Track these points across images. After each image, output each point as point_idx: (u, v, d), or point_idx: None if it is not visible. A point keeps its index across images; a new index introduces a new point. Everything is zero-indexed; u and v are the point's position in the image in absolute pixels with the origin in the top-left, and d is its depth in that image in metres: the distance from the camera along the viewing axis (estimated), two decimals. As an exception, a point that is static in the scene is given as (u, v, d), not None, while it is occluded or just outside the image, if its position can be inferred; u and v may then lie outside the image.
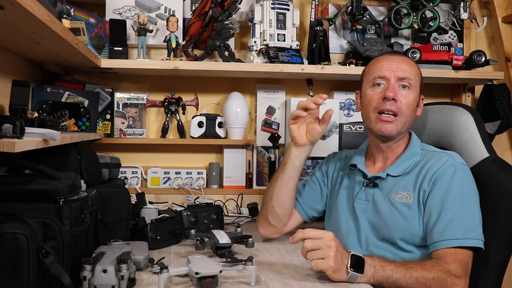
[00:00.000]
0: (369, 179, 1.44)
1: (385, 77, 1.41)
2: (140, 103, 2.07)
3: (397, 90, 1.39)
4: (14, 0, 0.90)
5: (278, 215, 1.53)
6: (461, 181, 1.33)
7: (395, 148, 1.45)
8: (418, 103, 1.45)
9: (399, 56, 1.47)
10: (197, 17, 1.99)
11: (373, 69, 1.45)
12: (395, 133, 1.40)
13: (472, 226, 1.27)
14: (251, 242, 1.48)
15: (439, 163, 1.35)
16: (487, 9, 2.28)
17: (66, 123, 1.44)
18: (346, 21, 2.17)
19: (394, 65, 1.41)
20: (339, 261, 1.17)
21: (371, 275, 1.19)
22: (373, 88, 1.43)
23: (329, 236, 1.19)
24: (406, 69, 1.41)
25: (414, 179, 1.37)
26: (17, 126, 1.00)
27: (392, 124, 1.39)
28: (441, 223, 1.28)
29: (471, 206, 1.31)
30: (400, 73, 1.40)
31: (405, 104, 1.39)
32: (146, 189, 2.05)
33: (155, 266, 1.22)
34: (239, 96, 2.11)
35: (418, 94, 1.44)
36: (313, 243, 1.18)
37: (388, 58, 1.45)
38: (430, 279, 1.19)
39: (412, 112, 1.41)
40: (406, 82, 1.40)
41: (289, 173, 1.49)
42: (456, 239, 1.25)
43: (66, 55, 1.58)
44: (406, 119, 1.40)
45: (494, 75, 2.09)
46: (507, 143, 2.32)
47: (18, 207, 1.01)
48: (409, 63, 1.44)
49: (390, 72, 1.41)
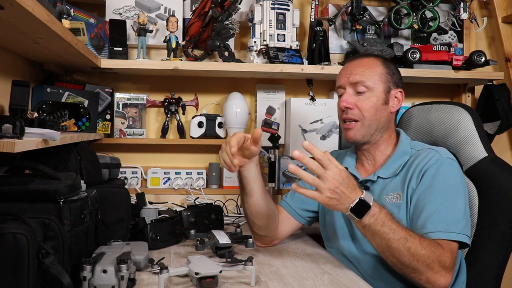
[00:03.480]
0: (360, 183, 1.43)
1: (341, 85, 1.43)
2: (140, 103, 2.07)
3: (351, 98, 1.40)
4: (14, 0, 0.90)
5: (263, 226, 1.50)
6: (446, 175, 1.31)
7: (376, 149, 1.44)
8: (385, 101, 1.41)
9: (357, 59, 1.45)
10: (197, 17, 1.99)
11: (337, 79, 1.47)
12: (360, 137, 1.40)
13: (454, 220, 1.25)
14: (251, 242, 1.49)
15: (426, 160, 1.35)
16: (487, 9, 2.29)
17: (66, 123, 1.44)
18: (346, 21, 2.18)
19: (348, 72, 1.42)
20: (337, 198, 1.16)
21: (369, 224, 1.19)
22: (339, 98, 1.45)
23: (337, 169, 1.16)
24: (358, 72, 1.40)
25: (403, 179, 1.37)
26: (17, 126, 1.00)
27: (353, 130, 1.40)
28: (424, 216, 1.27)
29: (455, 200, 1.29)
30: (352, 78, 1.40)
31: (363, 108, 1.39)
32: (146, 189, 2.05)
33: (155, 266, 1.22)
34: (239, 96, 2.11)
35: (382, 92, 1.41)
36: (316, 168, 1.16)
37: (346, 65, 1.46)
38: (421, 255, 1.18)
39: (376, 112, 1.39)
40: (360, 86, 1.39)
41: (248, 187, 1.44)
42: (438, 231, 1.24)
43: (66, 55, 1.58)
44: (369, 122, 1.39)
45: (494, 75, 2.09)
46: (507, 143, 2.32)
47: (18, 207, 1.01)
48: (365, 65, 1.42)
49: (345, 79, 1.42)
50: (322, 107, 2.09)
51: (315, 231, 1.73)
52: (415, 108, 1.65)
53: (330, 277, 1.26)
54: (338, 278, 1.25)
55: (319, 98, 2.12)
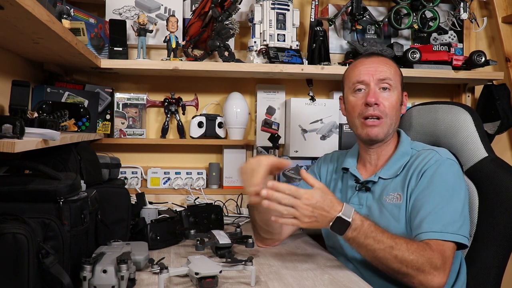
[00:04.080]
0: (361, 183, 1.44)
1: (364, 81, 1.40)
2: (140, 103, 2.07)
3: (378, 94, 1.38)
4: (14, 0, 0.90)
5: (270, 231, 1.51)
6: (444, 175, 1.32)
7: (384, 149, 1.45)
8: (401, 102, 1.44)
9: (376, 57, 1.45)
10: (197, 17, 1.99)
11: (352, 75, 1.44)
12: (382, 136, 1.40)
13: (450, 221, 1.25)
14: (251, 242, 1.49)
15: (425, 160, 1.35)
16: (487, 9, 2.29)
17: (66, 123, 1.44)
18: (346, 21, 2.17)
19: (372, 68, 1.40)
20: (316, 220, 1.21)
21: (351, 238, 1.22)
22: (355, 94, 1.42)
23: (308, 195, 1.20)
24: (384, 70, 1.40)
25: (403, 179, 1.37)
26: (17, 126, 1.00)
27: (377, 128, 1.39)
28: (420, 216, 1.27)
29: (452, 200, 1.29)
30: (378, 75, 1.39)
31: (388, 106, 1.38)
32: (146, 189, 2.05)
33: (155, 266, 1.22)
34: (239, 96, 2.11)
35: (400, 93, 1.43)
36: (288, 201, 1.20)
37: (365, 62, 1.43)
38: (409, 260, 1.18)
39: (396, 112, 1.41)
40: (386, 83, 1.39)
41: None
42: (432, 232, 1.24)
43: (66, 55, 1.58)
44: (391, 121, 1.40)
45: (494, 75, 2.09)
46: (507, 143, 2.32)
47: (18, 207, 1.01)
48: (387, 63, 1.42)
49: (369, 75, 1.40)
50: (322, 107, 2.09)
51: (315, 231, 1.73)
52: (415, 108, 1.65)
53: (330, 277, 1.26)
54: (338, 278, 1.25)
55: (319, 98, 2.12)
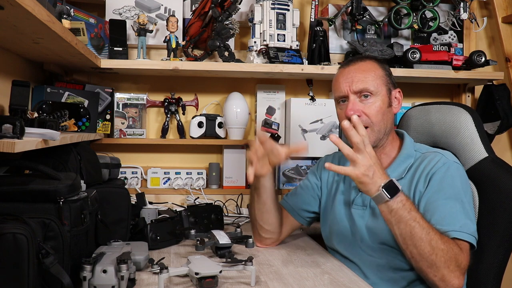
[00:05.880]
0: None
1: (343, 94, 1.39)
2: (140, 103, 2.07)
3: (357, 105, 1.36)
4: (14, 0, 0.90)
5: (269, 230, 1.52)
6: (454, 178, 1.31)
7: (383, 152, 1.43)
8: (389, 103, 1.40)
9: (353, 65, 1.41)
10: (197, 17, 1.99)
11: (334, 88, 1.43)
12: (372, 143, 1.36)
13: (466, 223, 1.25)
14: (251, 242, 1.49)
15: (432, 163, 1.34)
16: (487, 9, 2.29)
17: (66, 123, 1.44)
18: (346, 21, 2.18)
19: (349, 79, 1.38)
20: (370, 176, 1.19)
21: (396, 208, 1.19)
22: (340, 106, 1.42)
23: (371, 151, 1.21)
24: (361, 78, 1.37)
25: (409, 182, 1.36)
26: (17, 126, 1.00)
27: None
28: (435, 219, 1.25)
29: (464, 203, 1.29)
30: (355, 86, 1.36)
31: (372, 114, 1.36)
32: (146, 189, 2.05)
33: (155, 266, 1.22)
34: (239, 96, 2.11)
35: (385, 95, 1.39)
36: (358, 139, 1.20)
37: (344, 72, 1.41)
38: (441, 249, 1.17)
39: (383, 116, 1.38)
40: (365, 92, 1.37)
41: (264, 195, 1.48)
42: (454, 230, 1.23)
43: (66, 55, 1.58)
44: (378, 127, 1.37)
45: (494, 75, 2.09)
46: (507, 143, 2.32)
47: (18, 207, 1.01)
48: (364, 70, 1.39)
49: (347, 87, 1.37)
50: (322, 107, 2.09)
51: (315, 231, 1.73)
52: (415, 108, 1.65)
53: (330, 277, 1.26)
54: (338, 278, 1.25)
55: (319, 98, 2.12)
